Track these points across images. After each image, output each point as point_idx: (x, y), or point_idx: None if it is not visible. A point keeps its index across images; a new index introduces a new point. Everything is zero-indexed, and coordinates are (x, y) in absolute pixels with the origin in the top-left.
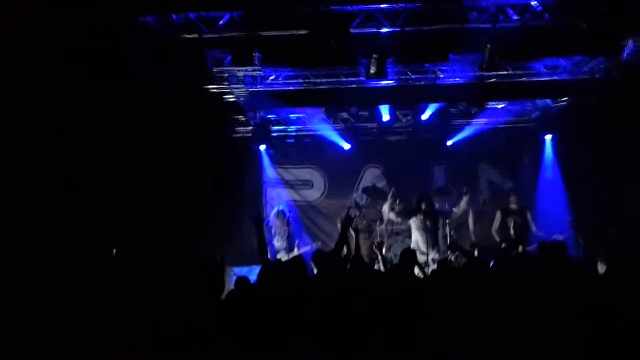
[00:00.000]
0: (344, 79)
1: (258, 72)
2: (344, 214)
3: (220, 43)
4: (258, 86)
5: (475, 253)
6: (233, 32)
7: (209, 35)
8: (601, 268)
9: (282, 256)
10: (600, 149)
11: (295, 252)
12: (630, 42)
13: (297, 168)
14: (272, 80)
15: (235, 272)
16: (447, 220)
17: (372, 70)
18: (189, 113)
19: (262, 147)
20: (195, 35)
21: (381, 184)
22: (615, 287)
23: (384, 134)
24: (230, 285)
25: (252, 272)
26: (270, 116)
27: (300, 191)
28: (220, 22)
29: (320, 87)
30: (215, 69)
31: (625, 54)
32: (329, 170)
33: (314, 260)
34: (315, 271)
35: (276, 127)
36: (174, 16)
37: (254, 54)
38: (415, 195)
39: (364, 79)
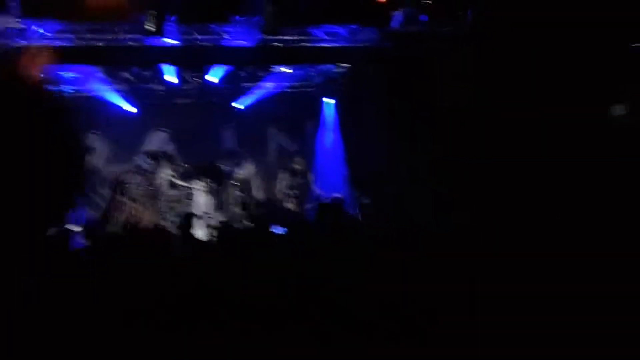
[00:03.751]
0: (123, 37)
1: (18, 25)
2: (112, 179)
3: None
4: (20, 40)
5: (260, 212)
6: None
7: None
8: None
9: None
10: (376, 113)
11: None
12: (398, 12)
13: None
14: (40, 33)
15: None
16: (235, 183)
17: (150, 27)
18: None
19: None
20: None
21: (169, 147)
22: (385, 243)
23: (171, 96)
24: None
25: None
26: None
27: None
28: None
29: (96, 44)
30: None
31: (394, 24)
32: (111, 134)
33: (87, 236)
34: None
35: (48, 87)
36: None
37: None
38: (203, 158)
39: (143, 37)
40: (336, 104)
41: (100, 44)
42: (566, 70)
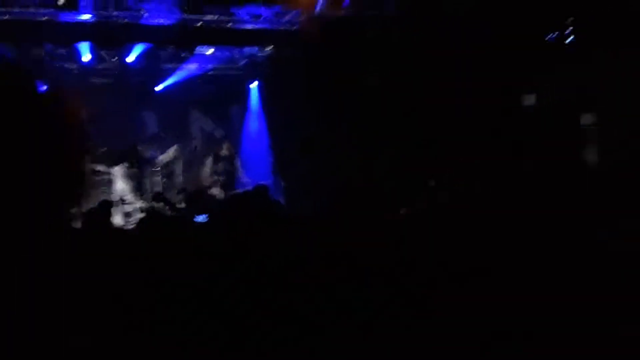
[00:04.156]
0: (34, 11)
1: None
2: None
3: None
4: None
5: (182, 199)
6: None
7: None
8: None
9: None
10: (300, 97)
11: None
12: None
13: None
14: None
15: None
16: (156, 168)
17: (61, 1)
18: None
19: None
20: None
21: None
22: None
23: (87, 75)
24: None
25: None
26: None
27: None
28: None
29: (4, 18)
30: None
31: (318, 7)
32: None
33: None
34: None
35: None
36: None
37: None
38: (123, 142)
39: (57, 12)
40: (260, 88)
41: (8, 17)
42: (487, 53)
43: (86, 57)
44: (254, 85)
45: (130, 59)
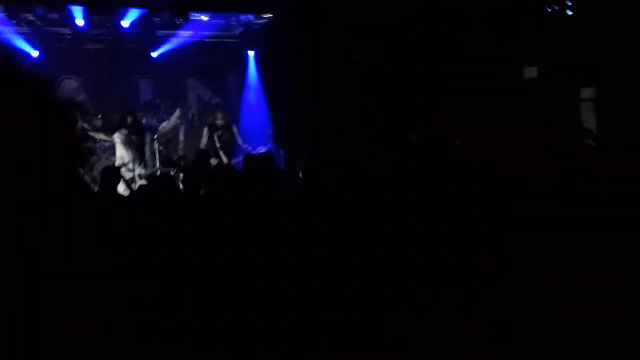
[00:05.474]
0: None
1: None
2: None
3: None
4: None
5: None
6: None
7: None
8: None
9: None
10: (297, 66)
11: None
12: None
13: None
14: None
15: None
16: (155, 135)
17: None
18: None
19: None
20: None
21: (80, 97)
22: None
23: (80, 41)
24: None
25: None
26: None
27: None
28: None
29: None
30: None
31: None
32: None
33: None
34: None
35: None
36: None
37: None
38: (119, 109)
39: None
40: (257, 57)
41: None
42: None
43: (79, 21)
44: (252, 53)
45: (124, 24)
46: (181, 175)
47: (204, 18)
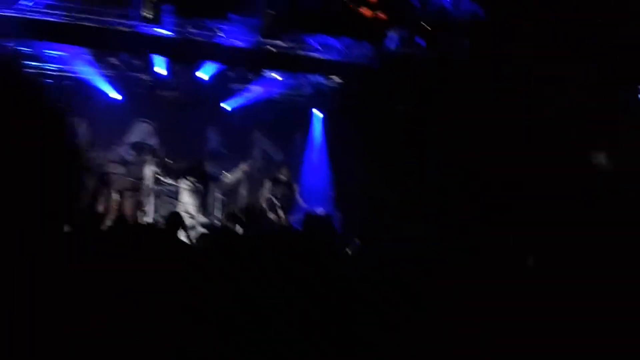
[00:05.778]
0: (113, 20)
1: None
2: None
3: None
4: (8, 12)
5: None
6: None
7: None
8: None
9: None
10: (362, 132)
11: None
12: (393, 32)
13: None
14: (29, 6)
15: None
16: (218, 185)
17: (147, 14)
18: None
19: None
20: None
21: (152, 140)
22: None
23: (158, 88)
24: None
25: None
26: (23, 49)
27: None
28: None
29: (86, 24)
30: None
31: (387, 43)
32: (92, 119)
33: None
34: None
35: (32, 63)
36: None
37: None
38: (187, 156)
39: (136, 23)
40: (324, 118)
41: (90, 24)
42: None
43: (161, 70)
44: (319, 114)
45: (202, 76)
46: (239, 227)
47: (277, 77)
